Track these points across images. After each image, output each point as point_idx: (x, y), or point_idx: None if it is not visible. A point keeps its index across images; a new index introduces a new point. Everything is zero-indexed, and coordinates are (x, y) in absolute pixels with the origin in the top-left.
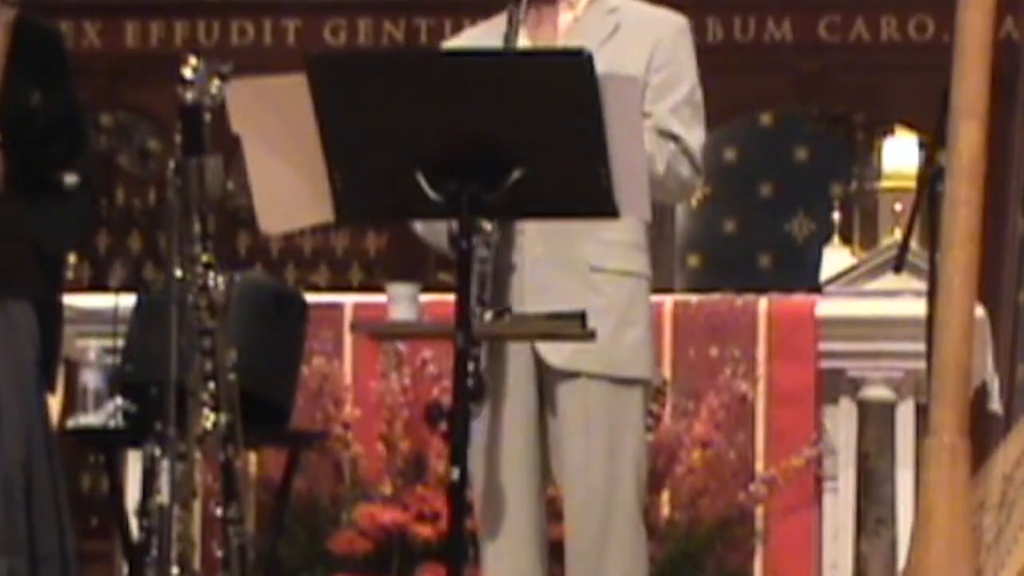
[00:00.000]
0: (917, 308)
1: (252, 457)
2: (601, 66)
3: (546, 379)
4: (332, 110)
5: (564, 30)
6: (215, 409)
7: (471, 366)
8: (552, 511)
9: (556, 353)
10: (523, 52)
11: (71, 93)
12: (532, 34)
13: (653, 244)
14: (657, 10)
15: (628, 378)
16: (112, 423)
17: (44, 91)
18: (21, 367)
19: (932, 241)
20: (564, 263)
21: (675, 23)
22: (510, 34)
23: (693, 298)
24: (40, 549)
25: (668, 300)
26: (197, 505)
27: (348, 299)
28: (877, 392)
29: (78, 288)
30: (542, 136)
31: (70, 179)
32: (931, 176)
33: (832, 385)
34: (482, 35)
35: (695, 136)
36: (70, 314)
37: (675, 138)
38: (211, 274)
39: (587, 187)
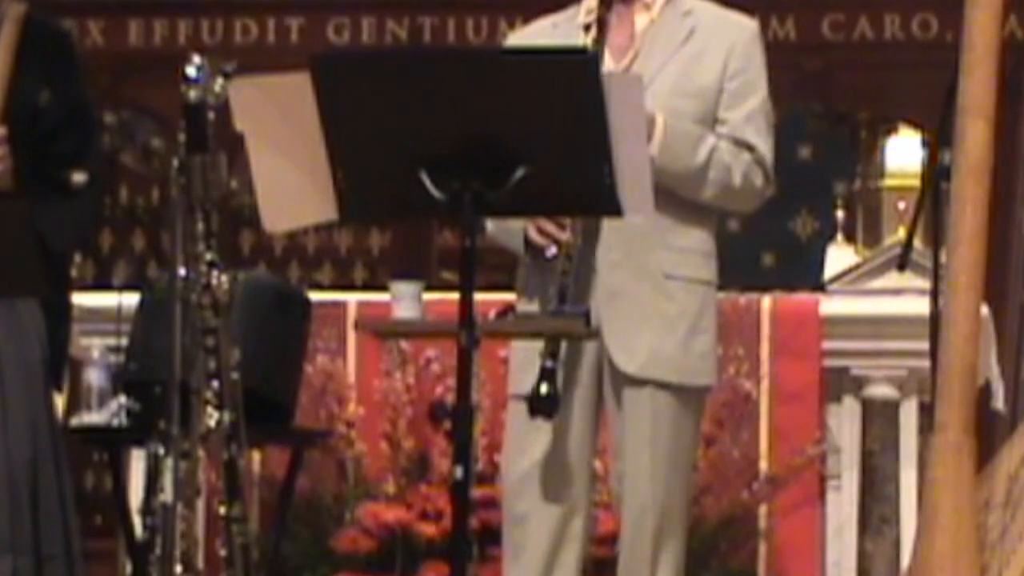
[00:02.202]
0: (921, 306)
1: (256, 456)
2: (677, 69)
3: (613, 383)
4: (335, 109)
5: (640, 32)
6: (218, 408)
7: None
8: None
9: (630, 360)
10: (528, 51)
11: (80, 92)
12: (608, 36)
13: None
14: (731, 14)
15: (695, 386)
16: (116, 421)
17: (53, 90)
18: (28, 366)
19: (936, 239)
20: (639, 269)
21: (749, 28)
22: (600, 36)
23: None
24: (45, 549)
25: None
26: (200, 504)
27: (352, 297)
28: (881, 390)
29: (82, 287)
30: (546, 134)
31: (78, 177)
32: (935, 174)
33: (836, 383)
34: (550, 31)
35: (768, 145)
36: (74, 312)
37: (750, 148)
38: (215, 272)
39: (591, 185)
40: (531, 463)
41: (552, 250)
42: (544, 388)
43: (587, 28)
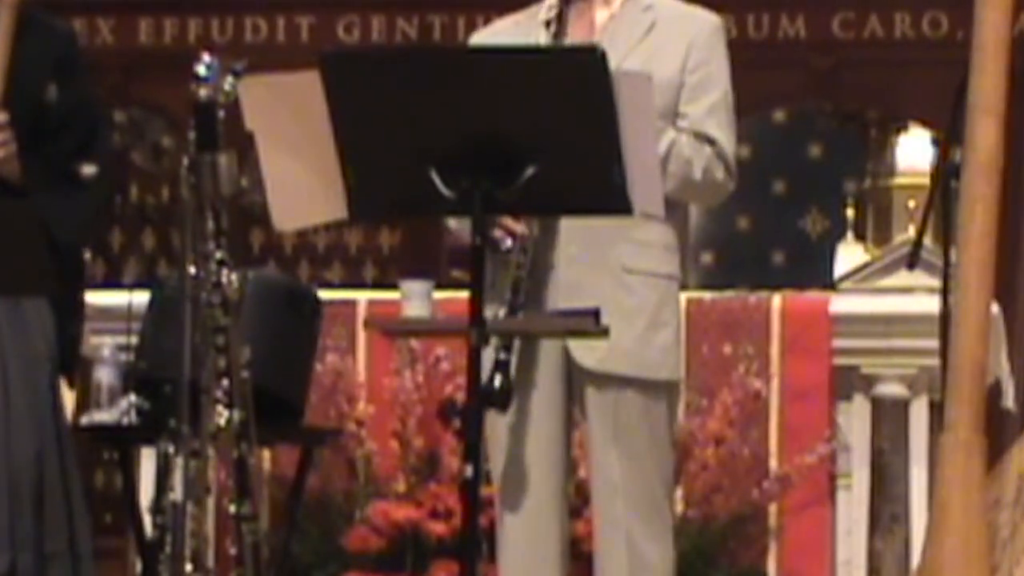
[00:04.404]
0: (931, 305)
1: (266, 454)
2: (636, 64)
3: (577, 380)
4: (345, 107)
5: (600, 27)
6: (229, 406)
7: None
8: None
9: (588, 355)
10: (537, 49)
11: (86, 87)
12: (568, 31)
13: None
14: (692, 8)
15: (658, 380)
16: (126, 420)
17: (59, 85)
18: (33, 364)
19: (946, 238)
20: (597, 263)
21: (710, 22)
22: (559, 31)
23: (707, 295)
24: (49, 546)
25: (682, 297)
26: (211, 502)
27: (362, 296)
28: (891, 389)
29: (92, 285)
30: (555, 133)
31: (87, 169)
32: (945, 173)
33: (846, 382)
34: (512, 28)
35: (729, 139)
36: (84, 311)
37: (711, 141)
38: (224, 271)
39: (600, 184)
40: (506, 464)
41: (508, 243)
42: (498, 381)
43: (547, 24)
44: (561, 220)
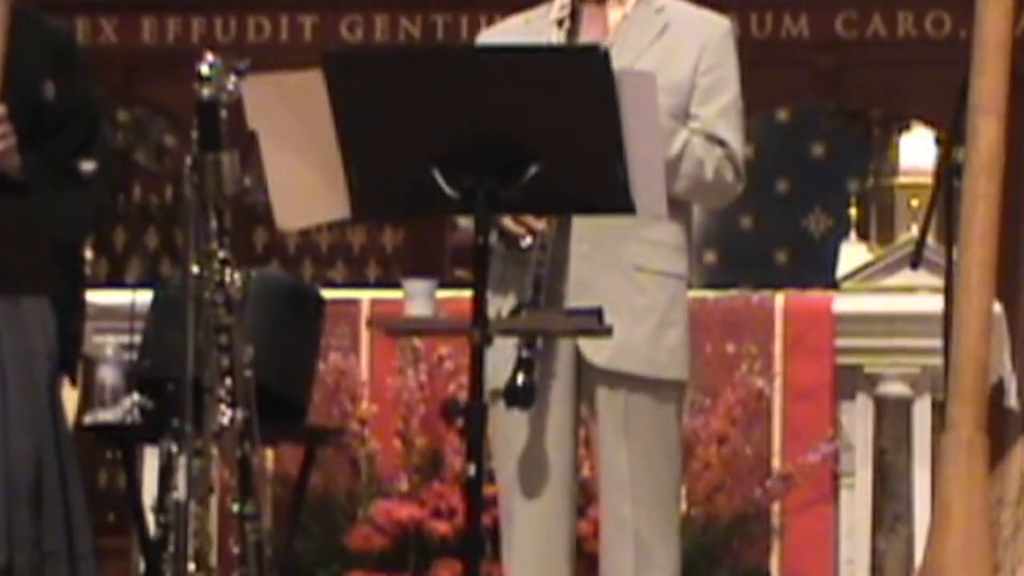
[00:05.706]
0: (934, 304)
1: (269, 453)
2: (650, 65)
3: (587, 377)
4: (348, 106)
5: (613, 28)
6: (232, 405)
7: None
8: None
9: (598, 353)
10: (540, 48)
11: (85, 85)
12: (582, 31)
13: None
14: (703, 11)
15: (667, 380)
16: (129, 419)
17: (57, 83)
18: (31, 363)
19: (948, 237)
20: (609, 261)
21: (722, 25)
22: (573, 31)
23: (710, 294)
24: (47, 545)
25: None
26: (214, 501)
27: (365, 295)
28: (894, 388)
29: (95, 284)
30: (559, 132)
31: (87, 166)
32: (948, 172)
33: (849, 381)
34: (523, 27)
35: (739, 141)
36: (88, 310)
37: (722, 143)
38: (228, 270)
39: (603, 183)
40: (515, 462)
41: (527, 240)
42: (521, 378)
43: (560, 23)
44: (574, 217)
